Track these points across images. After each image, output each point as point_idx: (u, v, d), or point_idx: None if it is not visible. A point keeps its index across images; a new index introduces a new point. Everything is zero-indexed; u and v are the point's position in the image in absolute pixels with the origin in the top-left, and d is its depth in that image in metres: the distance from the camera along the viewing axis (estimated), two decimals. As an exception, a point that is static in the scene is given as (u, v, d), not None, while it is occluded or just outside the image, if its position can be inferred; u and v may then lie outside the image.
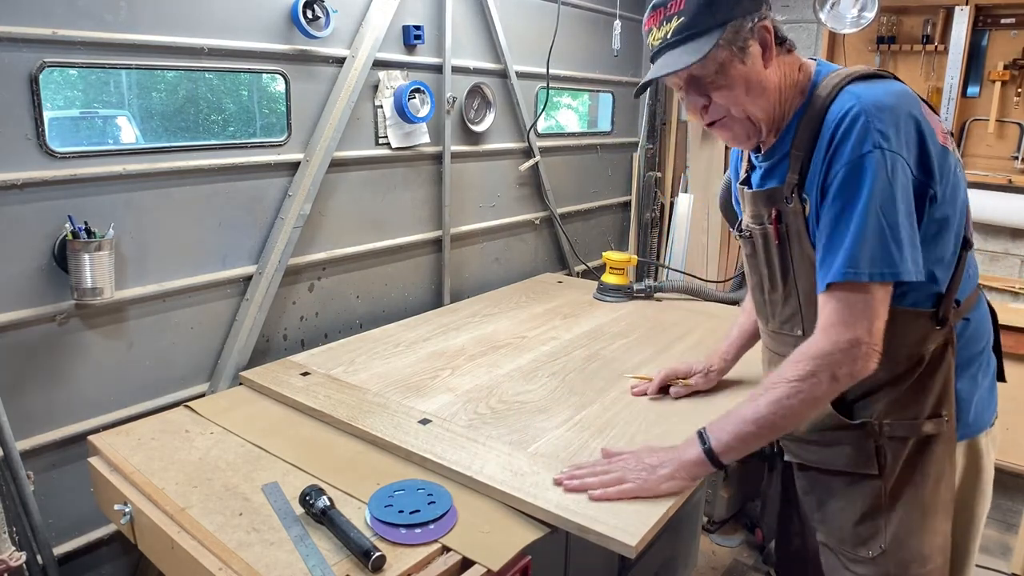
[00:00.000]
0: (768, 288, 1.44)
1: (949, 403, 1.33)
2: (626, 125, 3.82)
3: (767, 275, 1.42)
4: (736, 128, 1.33)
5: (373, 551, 1.17)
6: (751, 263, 1.47)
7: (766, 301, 1.47)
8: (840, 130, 1.19)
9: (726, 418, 1.34)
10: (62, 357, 1.77)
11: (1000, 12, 3.00)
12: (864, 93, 1.20)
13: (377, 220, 2.52)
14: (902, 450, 1.34)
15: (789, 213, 1.30)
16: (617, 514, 1.30)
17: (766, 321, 1.50)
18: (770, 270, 1.41)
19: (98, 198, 1.77)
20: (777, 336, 1.48)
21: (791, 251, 1.34)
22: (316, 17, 2.12)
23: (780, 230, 1.33)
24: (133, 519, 1.41)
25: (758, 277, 1.46)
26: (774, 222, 1.33)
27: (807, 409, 1.26)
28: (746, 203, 1.43)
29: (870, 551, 1.39)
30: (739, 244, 1.55)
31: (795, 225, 1.31)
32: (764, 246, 1.39)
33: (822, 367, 1.21)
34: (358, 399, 1.78)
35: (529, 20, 2.97)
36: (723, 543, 2.97)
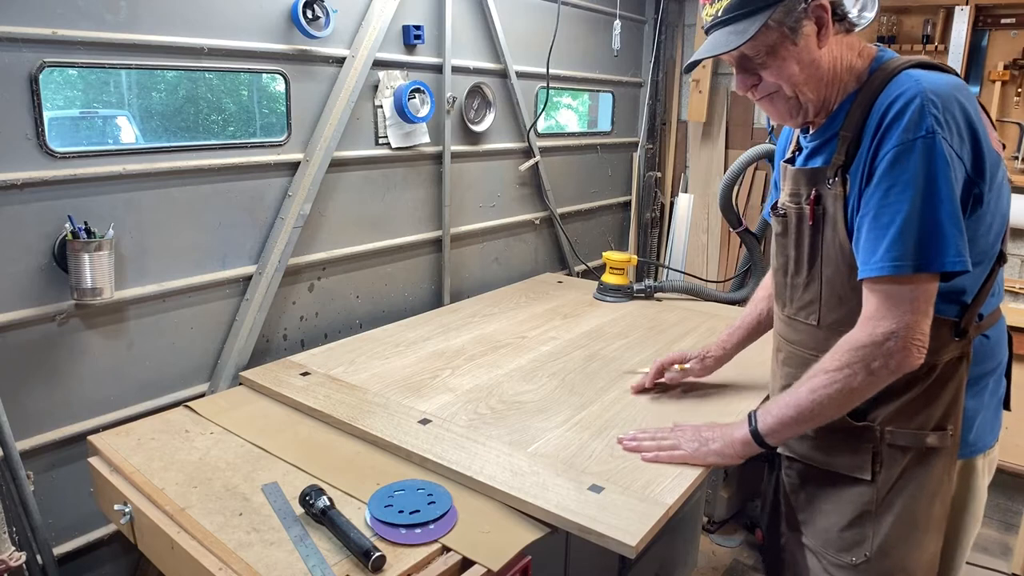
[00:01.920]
0: (792, 271, 1.40)
1: (956, 418, 1.29)
2: (626, 125, 3.82)
3: (793, 257, 1.38)
4: (782, 106, 1.30)
5: (373, 551, 1.17)
6: (779, 243, 1.43)
7: (787, 284, 1.42)
8: (893, 110, 1.15)
9: (773, 402, 1.34)
10: (62, 357, 1.77)
11: (1000, 12, 3.00)
12: (924, 78, 1.16)
13: (377, 220, 2.52)
14: (901, 459, 1.31)
15: (828, 196, 1.27)
16: (617, 514, 1.30)
17: (783, 305, 1.46)
18: (797, 252, 1.37)
19: (98, 198, 1.77)
20: (791, 323, 1.43)
21: (823, 235, 1.30)
22: (316, 17, 2.12)
23: (816, 212, 1.29)
24: (133, 519, 1.41)
25: (784, 259, 1.42)
26: (811, 203, 1.29)
27: (845, 400, 1.23)
28: (787, 181, 1.39)
29: (853, 557, 1.36)
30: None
31: (832, 209, 1.27)
32: (797, 226, 1.36)
33: (857, 359, 1.19)
34: (358, 399, 1.78)
35: (529, 20, 2.97)
36: (723, 543, 2.97)
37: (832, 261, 1.29)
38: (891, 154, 1.14)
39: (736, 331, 1.80)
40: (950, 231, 1.12)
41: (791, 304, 1.42)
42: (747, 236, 2.87)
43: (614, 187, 3.82)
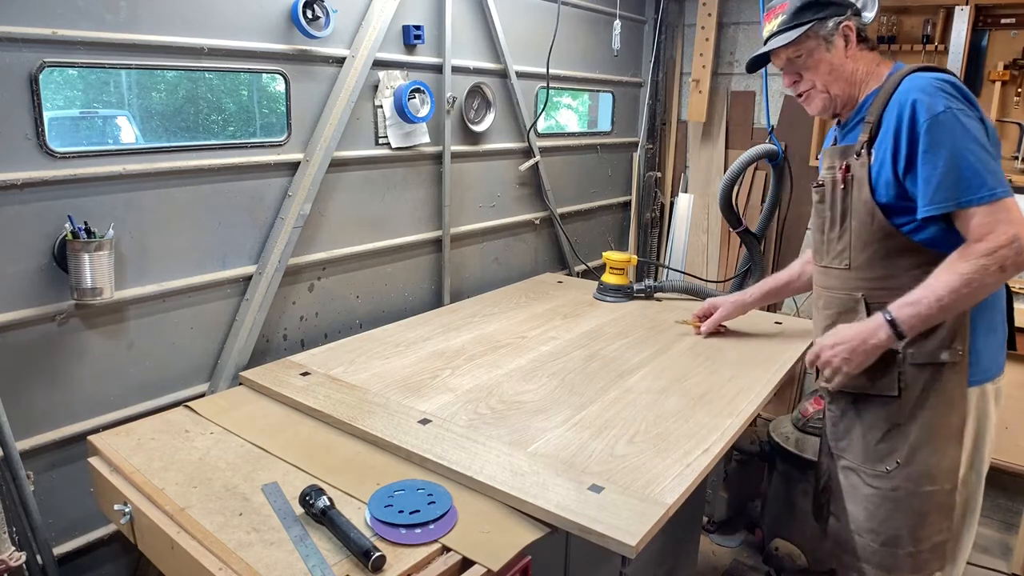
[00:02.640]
0: (828, 227, 1.76)
1: (963, 339, 1.62)
2: (626, 125, 3.82)
3: (829, 217, 1.75)
4: (817, 101, 1.76)
5: (373, 551, 1.17)
6: (818, 208, 1.80)
7: (824, 239, 1.78)
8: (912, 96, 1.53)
9: (905, 303, 1.56)
10: (62, 357, 1.77)
11: (1000, 12, 3.00)
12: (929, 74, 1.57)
13: (377, 220, 2.52)
14: (920, 376, 1.64)
15: (856, 165, 1.65)
16: (617, 514, 1.30)
17: (821, 257, 1.81)
18: (832, 212, 1.73)
19: (98, 198, 1.77)
20: (827, 271, 1.79)
21: (851, 195, 1.67)
22: (316, 17, 2.12)
23: (847, 178, 1.67)
24: (133, 519, 1.41)
25: (821, 219, 1.79)
26: (843, 171, 1.68)
27: (977, 293, 1.50)
28: (825, 159, 1.78)
29: (887, 467, 1.70)
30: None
31: (859, 175, 1.65)
32: (831, 191, 1.72)
33: (991, 260, 1.47)
34: (358, 399, 1.78)
35: (529, 20, 2.97)
36: (723, 543, 2.97)
37: (858, 214, 1.66)
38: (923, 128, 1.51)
39: (762, 285, 2.24)
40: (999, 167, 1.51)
41: (827, 255, 1.78)
42: (747, 236, 2.87)
43: (614, 187, 3.82)
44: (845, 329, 1.67)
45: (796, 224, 3.57)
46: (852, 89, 1.72)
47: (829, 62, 1.69)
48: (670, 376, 1.96)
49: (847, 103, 1.74)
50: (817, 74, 1.71)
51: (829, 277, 1.79)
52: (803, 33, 1.66)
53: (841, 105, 1.75)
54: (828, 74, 1.70)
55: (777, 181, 3.03)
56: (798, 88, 1.77)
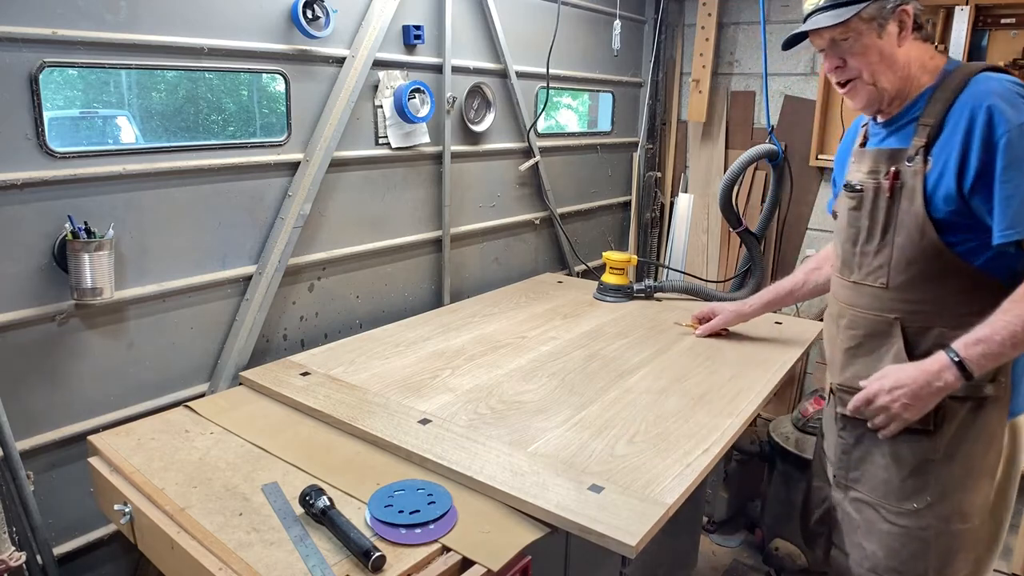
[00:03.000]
0: (863, 240, 1.59)
1: (1006, 370, 1.51)
2: (626, 125, 3.82)
3: (866, 227, 1.57)
4: (862, 93, 1.53)
5: (373, 551, 1.17)
6: (851, 216, 1.61)
7: (857, 252, 1.61)
8: (987, 101, 1.37)
9: (979, 344, 1.40)
10: (62, 357, 1.77)
11: (1000, 12, 3.00)
12: (1005, 78, 1.41)
13: (377, 220, 2.52)
14: (959, 410, 1.50)
15: (908, 172, 1.48)
16: (617, 514, 1.30)
17: (850, 272, 1.64)
18: (871, 222, 1.56)
19: (98, 198, 1.77)
20: (857, 287, 1.62)
21: (898, 205, 1.50)
22: (316, 17, 2.12)
23: (895, 186, 1.50)
24: (133, 519, 1.41)
25: (855, 230, 1.61)
26: (891, 177, 1.50)
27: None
28: (863, 161, 1.60)
29: (915, 504, 1.56)
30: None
31: (911, 183, 1.47)
32: (873, 199, 1.55)
33: None
34: (358, 399, 1.78)
35: (529, 20, 2.97)
36: (723, 543, 2.97)
37: (906, 228, 1.49)
38: (1005, 138, 1.35)
39: (765, 294, 2.13)
40: None
41: (859, 270, 1.61)
42: (747, 236, 2.88)
43: (614, 187, 3.82)
44: (902, 371, 1.48)
45: (796, 224, 3.57)
46: (903, 84, 1.50)
47: (879, 49, 1.46)
48: (670, 376, 1.96)
49: (895, 98, 1.53)
50: (865, 62, 1.48)
51: (859, 295, 1.61)
52: (856, 14, 1.43)
53: (888, 100, 1.53)
54: (878, 63, 1.47)
55: (777, 181, 3.03)
56: (841, 75, 1.54)
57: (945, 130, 1.43)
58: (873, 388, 1.51)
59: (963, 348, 1.40)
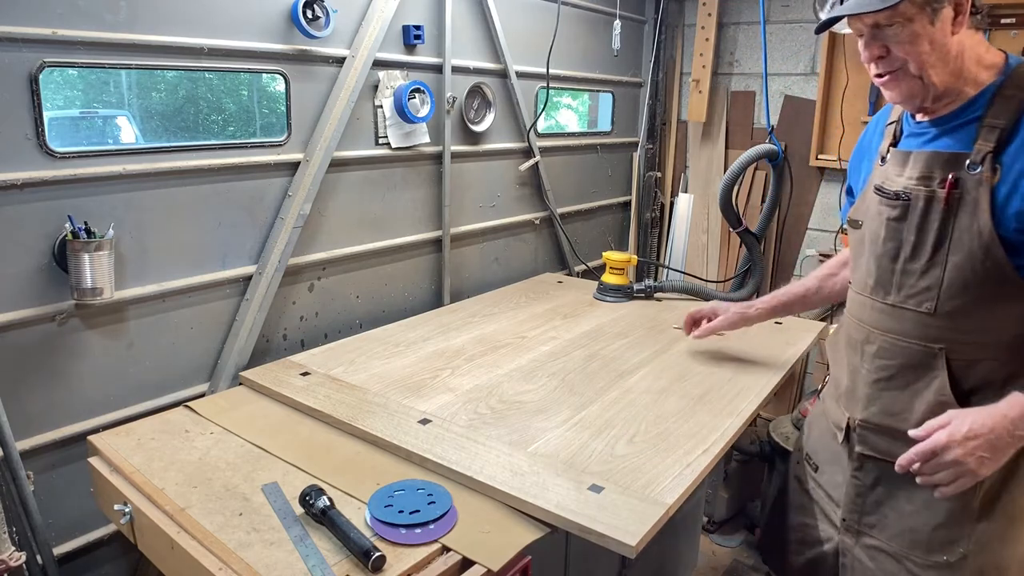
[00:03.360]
0: (907, 257, 1.36)
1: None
2: (626, 125, 3.82)
3: (912, 242, 1.34)
4: (905, 85, 1.31)
5: (373, 551, 1.17)
6: (891, 228, 1.38)
7: (897, 271, 1.38)
8: None
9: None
10: (62, 357, 1.77)
11: (1000, 12, 3.00)
12: None
13: (377, 220, 2.52)
14: None
15: (970, 180, 1.26)
16: (617, 514, 1.30)
17: (886, 293, 1.41)
18: (919, 237, 1.33)
19: (98, 198, 1.77)
20: (894, 311, 1.39)
21: (956, 219, 1.28)
22: (316, 17, 2.12)
23: (952, 196, 1.28)
24: (133, 519, 1.41)
25: (896, 243, 1.37)
26: (949, 186, 1.28)
27: None
28: (907, 164, 1.37)
29: (947, 556, 1.36)
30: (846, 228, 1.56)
31: (973, 193, 1.26)
32: (924, 210, 1.32)
33: None
34: (358, 399, 1.78)
35: (529, 20, 2.97)
36: (723, 543, 2.97)
37: (963, 247, 1.28)
38: None
39: (776, 297, 1.91)
40: None
41: (899, 292, 1.38)
42: (747, 236, 2.88)
43: (614, 187, 3.82)
44: (973, 418, 1.23)
45: (796, 224, 3.56)
46: (953, 79, 1.29)
47: (931, 37, 1.24)
48: (670, 376, 1.96)
49: (943, 95, 1.31)
50: (913, 52, 1.26)
51: (896, 319, 1.39)
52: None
53: (934, 97, 1.31)
54: (928, 54, 1.25)
55: (777, 181, 3.03)
56: (884, 67, 1.31)
57: (1020, 133, 1.23)
58: (941, 439, 1.23)
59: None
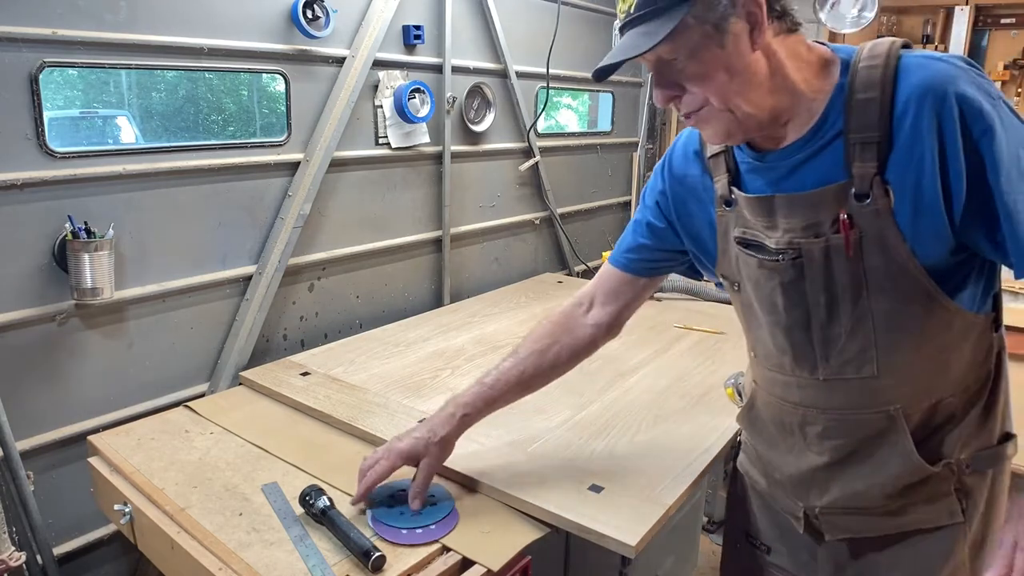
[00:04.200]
0: (823, 321, 1.10)
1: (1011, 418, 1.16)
2: (626, 125, 3.82)
3: (824, 302, 1.08)
4: (717, 123, 1.05)
5: (373, 551, 1.17)
6: (790, 293, 1.11)
7: (816, 341, 1.12)
8: (947, 89, 0.94)
9: None
10: (62, 357, 1.77)
11: (1000, 12, 3.01)
12: (938, 56, 0.99)
13: (377, 220, 2.52)
14: (983, 485, 1.14)
15: (866, 214, 1.01)
16: (617, 514, 1.30)
17: (813, 368, 1.14)
18: (829, 295, 1.08)
19: (98, 198, 1.77)
20: (831, 384, 1.13)
21: (865, 264, 1.04)
22: (316, 17, 2.12)
23: (852, 237, 1.02)
24: (133, 519, 1.41)
25: (802, 310, 1.11)
26: (844, 228, 1.02)
27: None
28: (777, 213, 1.08)
29: None
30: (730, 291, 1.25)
31: (875, 228, 1.01)
32: (823, 265, 1.06)
33: None
34: (358, 399, 1.78)
35: (529, 20, 2.97)
36: (723, 543, 2.97)
37: (887, 292, 1.04)
38: (984, 139, 0.94)
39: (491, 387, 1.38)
40: None
41: (827, 363, 1.12)
42: (747, 236, 2.87)
43: (614, 187, 3.82)
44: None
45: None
46: (779, 99, 1.03)
47: (725, 64, 0.98)
48: (670, 376, 1.96)
49: (773, 120, 1.04)
50: (707, 85, 1.00)
51: (837, 393, 1.13)
52: (677, 24, 0.95)
53: (759, 125, 1.04)
54: (725, 83, 0.99)
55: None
56: (684, 108, 1.05)
57: (897, 143, 0.98)
58: None
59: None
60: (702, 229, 1.24)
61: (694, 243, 1.27)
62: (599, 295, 1.38)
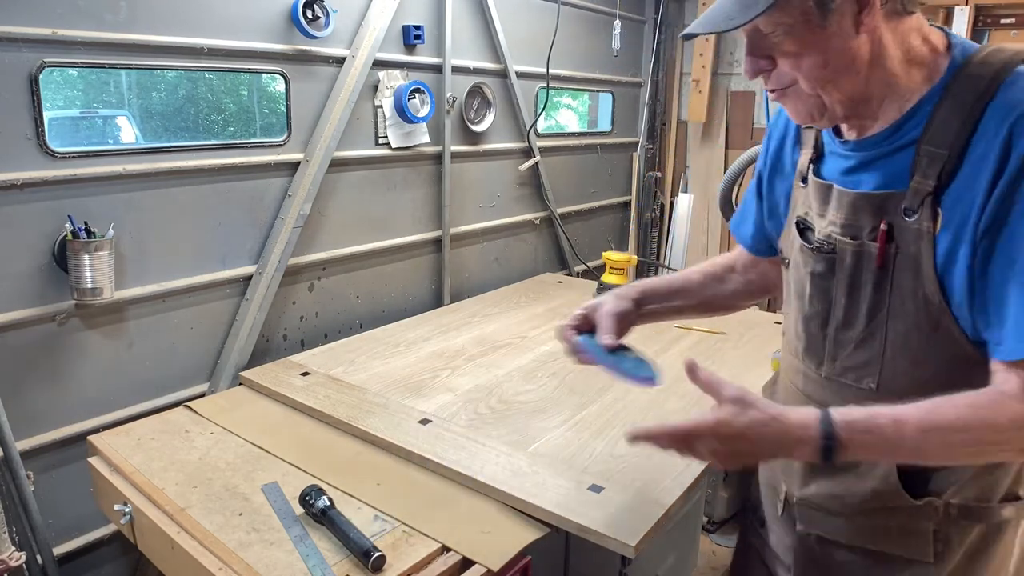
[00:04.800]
0: (839, 323, 1.07)
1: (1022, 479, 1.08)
2: (626, 125, 3.82)
3: (843, 305, 1.06)
4: (801, 105, 1.00)
5: (373, 551, 1.17)
6: (817, 285, 1.09)
7: (828, 338, 1.10)
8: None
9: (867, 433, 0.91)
10: (62, 357, 1.77)
11: (1000, 12, 3.00)
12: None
13: (377, 220, 2.52)
14: (967, 535, 1.08)
15: (908, 231, 0.95)
16: (617, 514, 1.30)
17: (819, 363, 1.12)
18: (849, 300, 1.04)
19: (98, 198, 1.77)
20: (830, 384, 1.11)
21: (893, 281, 0.98)
22: (316, 17, 2.12)
23: (887, 251, 0.97)
24: (133, 519, 1.41)
25: (824, 306, 1.09)
26: (881, 239, 0.97)
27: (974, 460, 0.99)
28: (831, 202, 1.05)
29: None
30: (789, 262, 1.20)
31: (913, 248, 0.95)
32: (853, 267, 1.03)
33: (1018, 438, 0.89)
34: (358, 399, 1.78)
35: (529, 20, 2.97)
36: (723, 543, 2.97)
37: (907, 315, 0.98)
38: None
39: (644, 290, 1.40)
40: None
41: (833, 363, 1.10)
42: (747, 236, 2.87)
43: (614, 187, 3.82)
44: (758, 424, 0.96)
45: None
46: (871, 88, 0.96)
47: (823, 46, 0.91)
48: (670, 376, 1.95)
49: (857, 111, 0.99)
50: (800, 66, 0.94)
51: (833, 394, 1.10)
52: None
53: (844, 114, 0.99)
54: (821, 66, 0.93)
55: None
56: (772, 83, 1.00)
57: (967, 164, 0.89)
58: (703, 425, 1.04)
59: (846, 430, 0.90)
60: (782, 197, 1.24)
61: (771, 213, 1.27)
62: (739, 264, 1.40)
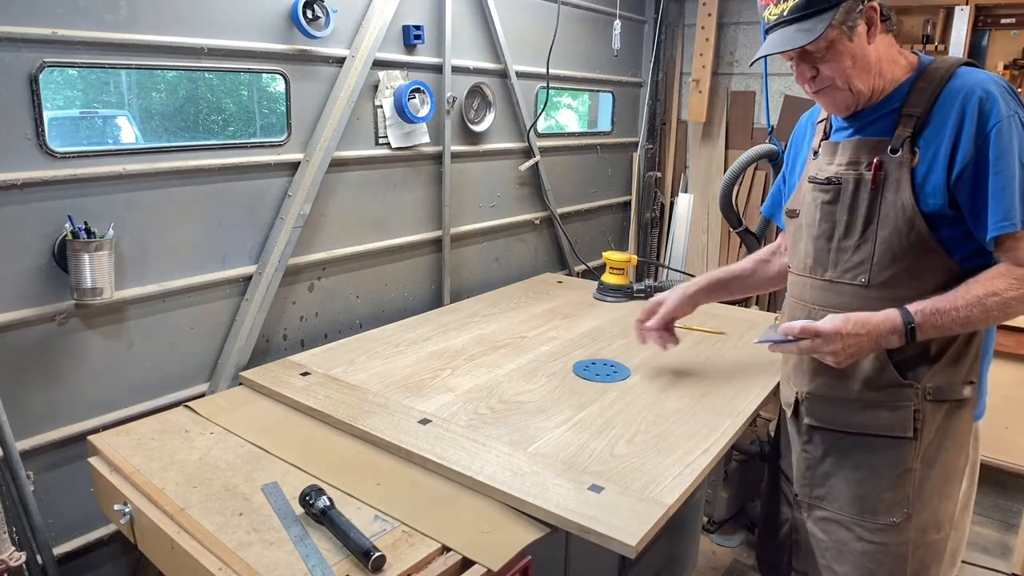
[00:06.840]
0: (840, 235, 1.50)
1: (977, 371, 1.48)
2: (626, 125, 3.82)
3: (845, 221, 1.48)
4: (837, 97, 1.46)
5: (373, 551, 1.17)
6: (825, 211, 1.52)
7: (833, 249, 1.51)
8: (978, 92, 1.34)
9: (935, 315, 1.35)
10: (62, 357, 1.77)
11: (1000, 12, 3.00)
12: (988, 75, 1.39)
13: (377, 220, 2.52)
14: (938, 414, 1.46)
15: (892, 162, 1.41)
16: (617, 514, 1.30)
17: (824, 270, 1.54)
18: (850, 216, 1.47)
19: (98, 198, 1.77)
20: (832, 286, 1.52)
21: (882, 198, 1.43)
22: (316, 17, 2.12)
23: (878, 177, 1.43)
24: (133, 519, 1.41)
25: (830, 224, 1.52)
26: (874, 168, 1.43)
27: (1000, 320, 1.37)
28: (836, 153, 1.52)
29: (893, 518, 1.50)
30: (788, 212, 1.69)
31: (896, 174, 1.41)
32: (853, 192, 1.47)
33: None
34: (358, 399, 1.78)
35: (529, 20, 2.97)
36: (723, 543, 2.97)
37: (890, 222, 1.42)
38: (994, 131, 1.32)
39: (710, 275, 1.94)
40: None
41: (835, 268, 1.51)
42: (747, 236, 2.88)
43: (614, 187, 3.82)
44: (858, 320, 1.38)
45: (796, 224, 3.56)
46: (876, 80, 1.44)
47: (852, 53, 1.39)
48: (670, 376, 1.96)
49: (870, 96, 1.46)
50: (839, 69, 1.40)
51: (834, 294, 1.51)
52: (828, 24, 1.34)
53: (864, 101, 1.46)
54: (851, 68, 1.40)
55: (777, 181, 3.03)
56: (813, 86, 1.47)
57: (933, 121, 1.39)
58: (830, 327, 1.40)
59: (920, 315, 1.35)
60: (797, 173, 1.70)
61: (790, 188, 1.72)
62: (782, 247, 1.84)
